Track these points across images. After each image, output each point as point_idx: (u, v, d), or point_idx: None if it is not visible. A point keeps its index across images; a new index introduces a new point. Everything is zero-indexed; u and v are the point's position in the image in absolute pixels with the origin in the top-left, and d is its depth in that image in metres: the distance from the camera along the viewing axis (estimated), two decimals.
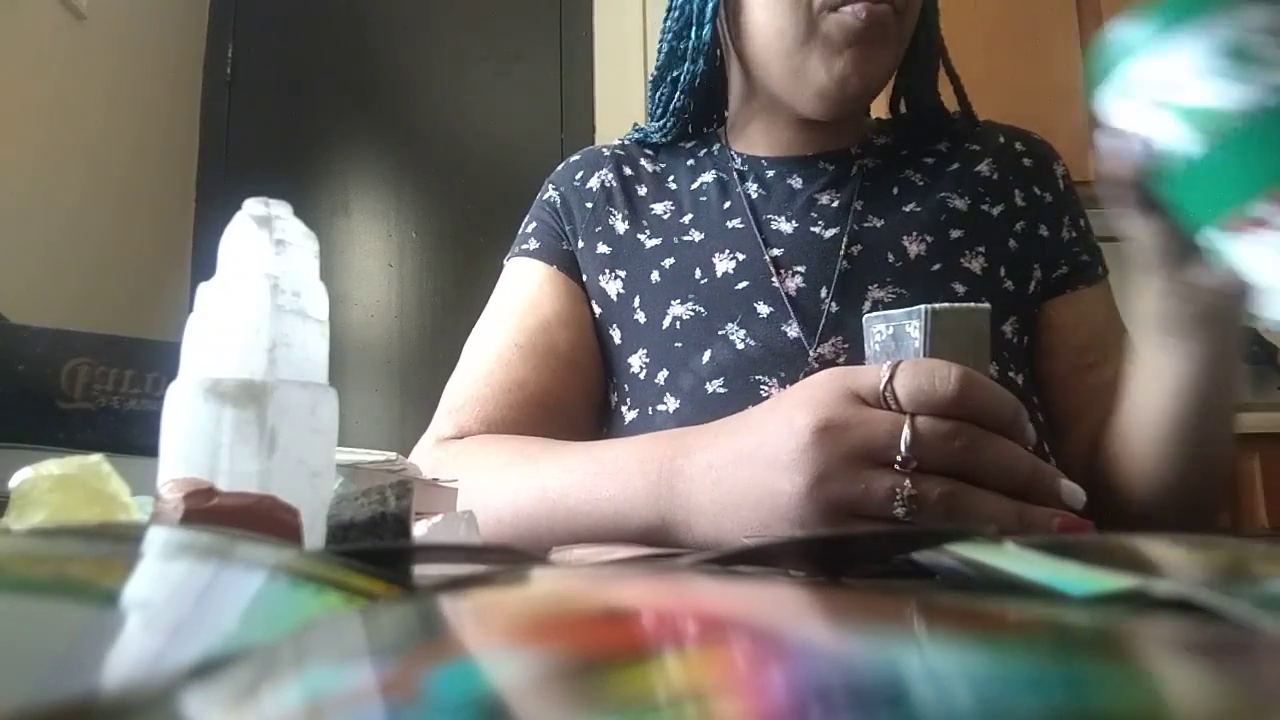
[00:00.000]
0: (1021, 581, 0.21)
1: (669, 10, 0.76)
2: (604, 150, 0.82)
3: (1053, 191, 0.75)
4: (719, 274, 0.70)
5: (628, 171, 0.79)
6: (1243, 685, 0.11)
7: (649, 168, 0.79)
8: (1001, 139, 0.77)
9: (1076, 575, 0.20)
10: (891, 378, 0.40)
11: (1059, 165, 0.77)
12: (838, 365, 0.65)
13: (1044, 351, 0.72)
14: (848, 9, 0.63)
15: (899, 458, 0.38)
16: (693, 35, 0.74)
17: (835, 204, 0.72)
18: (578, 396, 0.72)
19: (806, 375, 0.64)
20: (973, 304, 0.46)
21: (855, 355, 0.65)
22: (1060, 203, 0.74)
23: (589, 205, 0.77)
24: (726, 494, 0.44)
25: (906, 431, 0.38)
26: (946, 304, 0.44)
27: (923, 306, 0.44)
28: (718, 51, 0.76)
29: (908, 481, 0.38)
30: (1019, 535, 0.39)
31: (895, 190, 0.73)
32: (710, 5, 0.72)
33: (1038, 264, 0.72)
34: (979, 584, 0.23)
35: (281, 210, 0.33)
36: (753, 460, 0.43)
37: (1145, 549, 0.24)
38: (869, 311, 0.64)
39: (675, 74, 0.76)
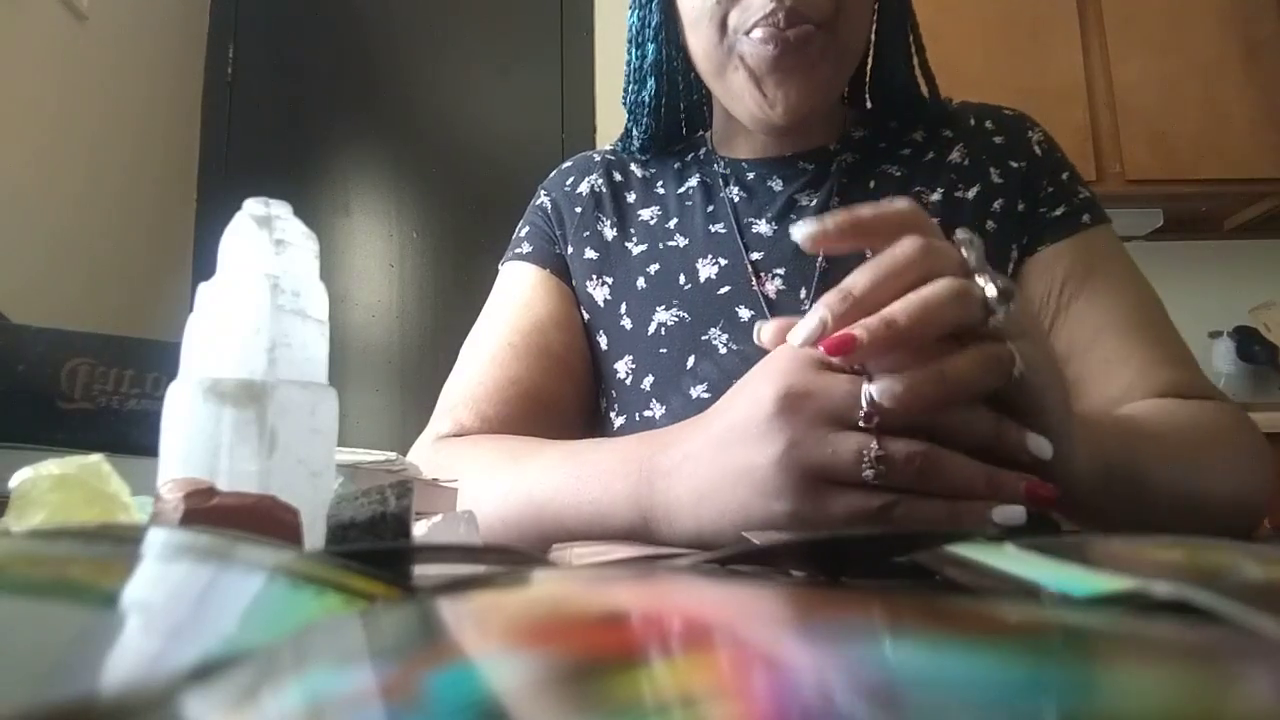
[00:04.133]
0: (1021, 583, 0.21)
1: (629, 28, 0.76)
2: (595, 156, 0.83)
3: (1028, 159, 0.73)
4: (702, 279, 0.71)
5: (618, 177, 0.80)
6: (1242, 686, 0.11)
7: (639, 173, 0.80)
8: (972, 120, 0.76)
9: (1076, 576, 0.19)
10: None
11: (1034, 132, 0.75)
12: None
13: None
14: (757, 32, 0.62)
15: (861, 415, 0.39)
16: (634, 56, 0.75)
17: (814, 203, 0.72)
18: (570, 396, 0.73)
19: None
20: None
21: None
22: (1035, 168, 0.72)
23: (578, 210, 0.78)
24: (704, 481, 0.44)
25: (866, 388, 0.38)
26: None
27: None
28: (685, 64, 0.75)
29: (874, 443, 0.38)
30: (988, 498, 0.39)
31: (872, 185, 0.73)
32: (652, 25, 0.72)
33: (1014, 245, 0.70)
34: (979, 585, 0.23)
35: (282, 210, 0.33)
36: (724, 442, 0.43)
37: (1145, 550, 0.24)
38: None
39: (637, 93, 0.77)
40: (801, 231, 0.40)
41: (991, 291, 0.39)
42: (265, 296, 0.31)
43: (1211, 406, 0.62)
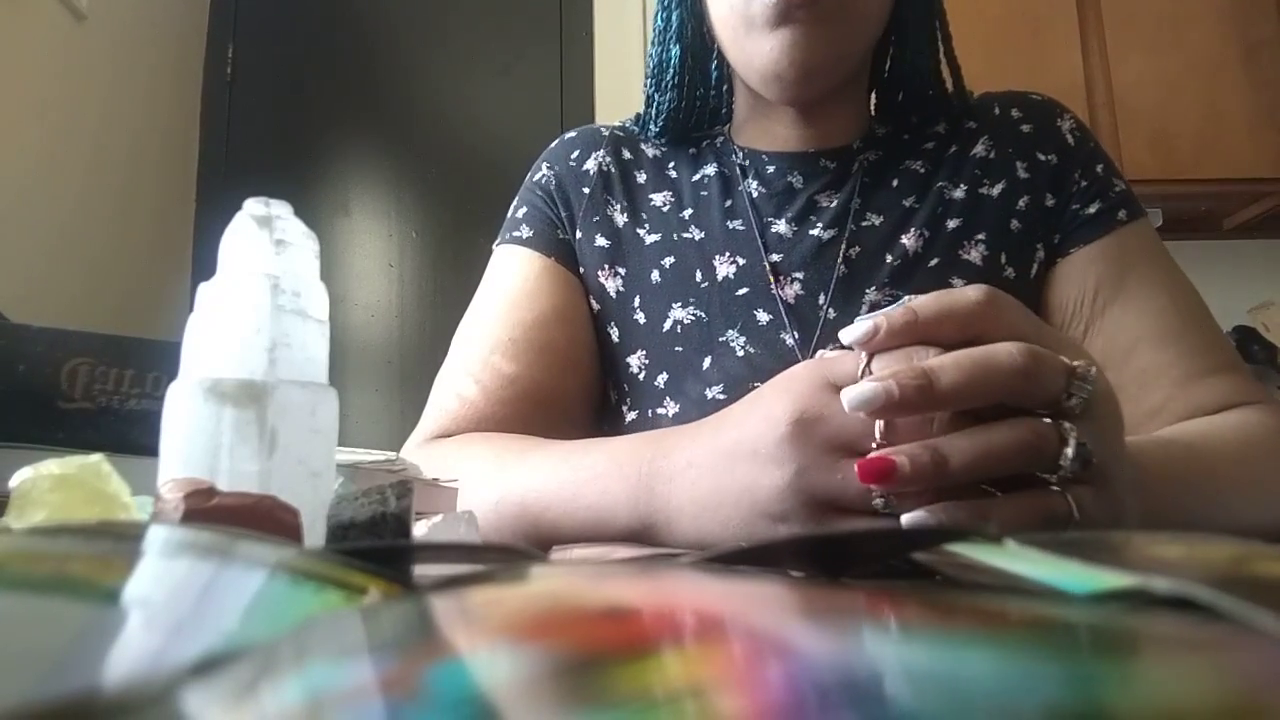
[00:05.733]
0: (1022, 580, 0.21)
1: (657, 11, 0.75)
2: (602, 130, 0.79)
3: (1057, 150, 0.70)
4: (719, 278, 0.69)
5: (626, 155, 0.77)
6: (1242, 683, 0.11)
7: (649, 152, 0.77)
8: (997, 110, 0.74)
9: (1077, 573, 0.19)
10: (868, 365, 0.39)
11: (1064, 120, 0.72)
12: None
13: None
14: None
15: (875, 444, 0.37)
16: (660, 21, 0.73)
17: (834, 204, 0.70)
18: (574, 392, 0.71)
19: None
20: None
21: None
22: (1066, 160, 0.70)
23: (586, 191, 0.75)
24: (707, 493, 0.43)
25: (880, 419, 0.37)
26: None
27: (908, 298, 0.43)
28: (715, 49, 0.74)
29: None
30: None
31: (895, 183, 0.71)
32: None
33: (1040, 244, 0.68)
34: (979, 583, 0.23)
35: (282, 210, 0.33)
36: (731, 455, 0.42)
37: (1146, 547, 0.24)
38: (865, 315, 0.61)
39: (661, 60, 0.74)
40: (851, 336, 0.38)
41: (1070, 451, 0.35)
42: (265, 296, 0.31)
43: (1253, 415, 0.60)
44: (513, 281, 0.73)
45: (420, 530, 0.37)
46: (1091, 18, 2.12)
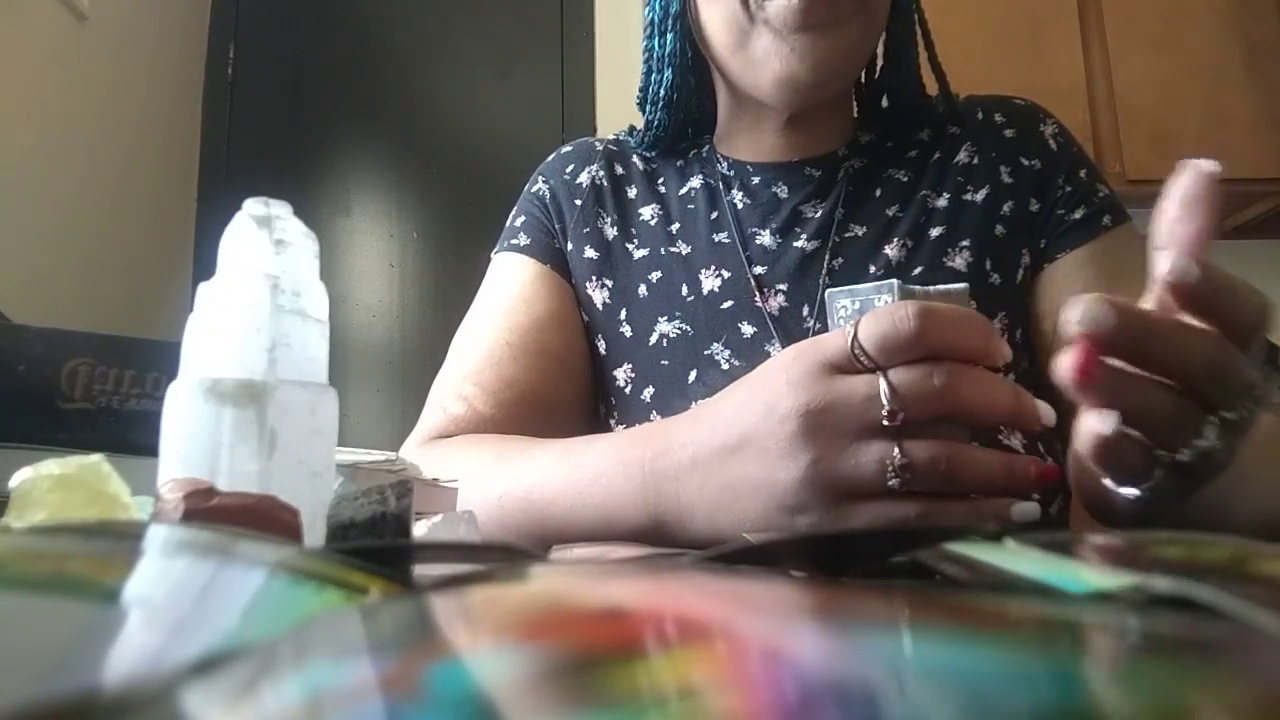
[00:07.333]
0: (1021, 580, 0.21)
1: (645, 27, 0.75)
2: (596, 144, 0.81)
3: (1041, 156, 0.70)
4: (705, 291, 0.69)
5: (619, 169, 0.78)
6: (1242, 682, 0.11)
7: (640, 166, 0.78)
8: (980, 115, 0.73)
9: (1077, 573, 0.19)
10: (856, 335, 0.39)
11: (1047, 125, 0.72)
12: None
13: (1029, 339, 0.68)
14: None
15: (884, 415, 0.38)
16: (656, 45, 0.73)
17: (818, 214, 0.70)
18: (569, 396, 0.71)
19: None
20: (948, 285, 0.43)
21: None
22: (1051, 166, 0.70)
23: (578, 203, 0.76)
24: (718, 491, 0.43)
25: (883, 385, 0.38)
26: (918, 286, 0.43)
27: (893, 280, 0.43)
28: (696, 61, 0.74)
29: (897, 451, 0.38)
30: (1008, 488, 0.39)
31: (878, 192, 0.71)
32: (671, 12, 0.71)
33: (1026, 249, 0.68)
34: (979, 583, 0.23)
35: (282, 210, 0.33)
36: (739, 453, 0.42)
37: (1146, 547, 0.24)
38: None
39: (657, 83, 0.75)
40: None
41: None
42: (265, 296, 0.31)
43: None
44: (510, 287, 0.74)
45: (420, 530, 0.37)
46: (1092, 17, 2.12)
